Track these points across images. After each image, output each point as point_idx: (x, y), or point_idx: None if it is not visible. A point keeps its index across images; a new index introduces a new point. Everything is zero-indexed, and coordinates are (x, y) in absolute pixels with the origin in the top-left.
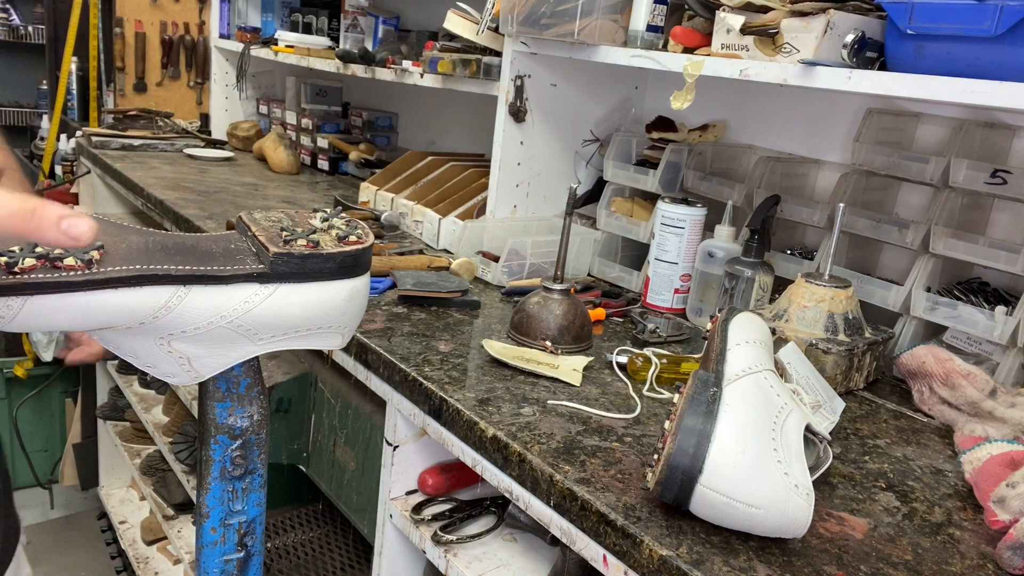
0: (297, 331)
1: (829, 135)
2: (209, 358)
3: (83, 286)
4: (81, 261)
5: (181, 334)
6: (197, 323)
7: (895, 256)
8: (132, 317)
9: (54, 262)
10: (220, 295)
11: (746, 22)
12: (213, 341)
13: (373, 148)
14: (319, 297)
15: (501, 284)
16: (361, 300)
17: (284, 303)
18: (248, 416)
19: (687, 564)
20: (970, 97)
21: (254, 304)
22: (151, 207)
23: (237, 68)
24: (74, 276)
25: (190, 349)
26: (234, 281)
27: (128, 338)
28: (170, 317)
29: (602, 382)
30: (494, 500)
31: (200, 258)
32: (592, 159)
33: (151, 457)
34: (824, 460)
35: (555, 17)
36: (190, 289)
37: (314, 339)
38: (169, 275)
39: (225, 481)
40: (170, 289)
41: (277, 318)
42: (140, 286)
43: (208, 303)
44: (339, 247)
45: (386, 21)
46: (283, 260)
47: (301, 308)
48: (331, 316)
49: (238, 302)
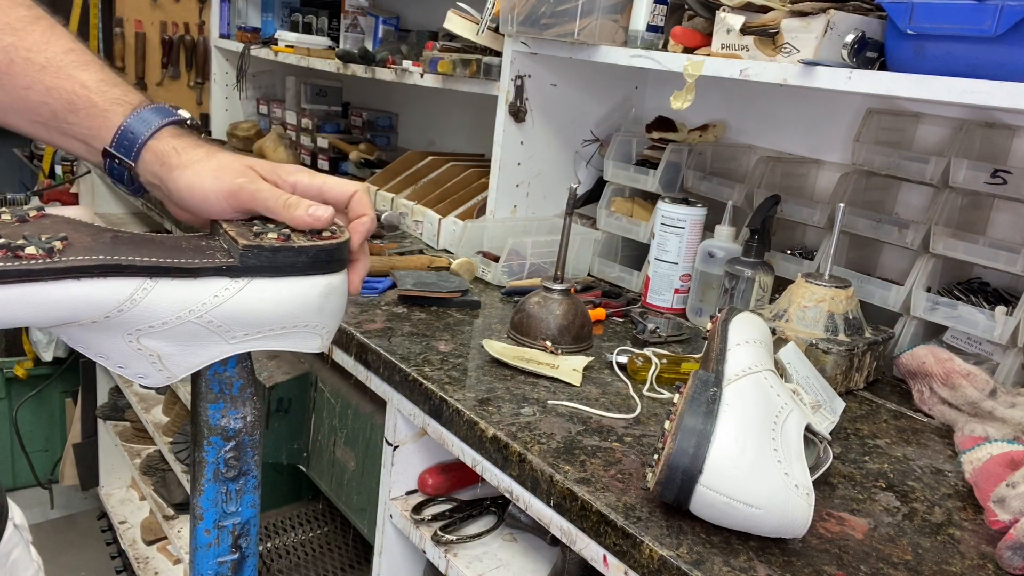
0: (271, 329)
1: (829, 135)
2: (181, 356)
3: (44, 275)
4: (43, 250)
5: (149, 329)
6: (165, 318)
7: (895, 256)
8: (96, 310)
9: (15, 251)
10: (188, 288)
11: (746, 22)
12: (184, 338)
13: (373, 148)
14: (292, 293)
15: (501, 284)
16: (338, 299)
17: (256, 298)
18: (241, 417)
19: (687, 564)
20: (970, 97)
21: (224, 299)
22: (151, 207)
23: (237, 68)
24: (35, 264)
25: (160, 347)
26: (203, 274)
27: (96, 335)
28: (136, 311)
29: (602, 382)
30: (494, 500)
31: (167, 251)
32: (592, 159)
33: (151, 457)
34: (824, 460)
35: (555, 17)
36: (156, 282)
37: (291, 339)
38: (133, 265)
39: (219, 483)
40: (135, 281)
41: (249, 314)
42: (104, 277)
43: (176, 297)
44: (312, 241)
45: (386, 21)
46: (253, 253)
47: (274, 304)
48: (306, 314)
49: (207, 296)
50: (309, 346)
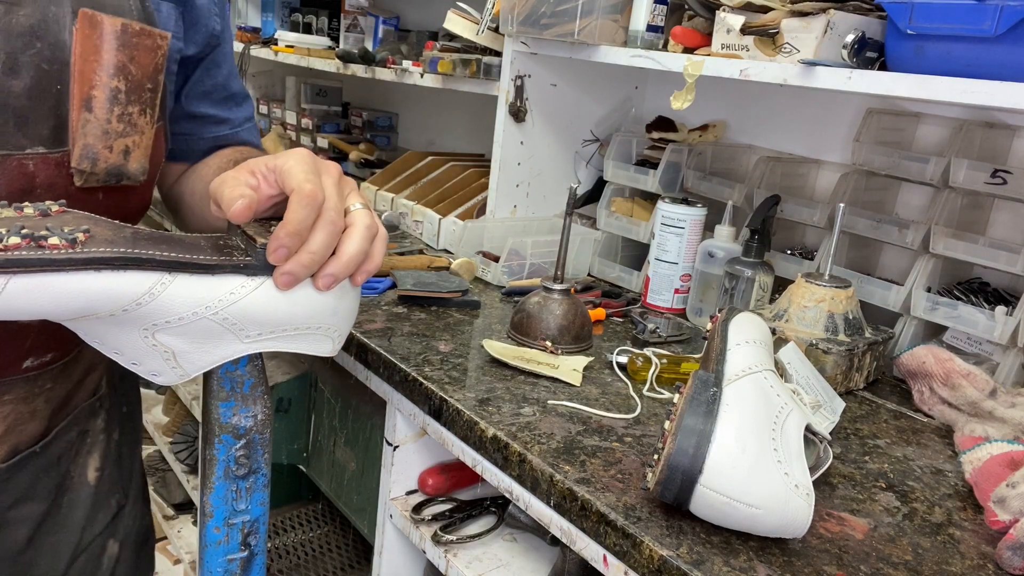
0: (284, 329)
1: (829, 135)
2: (195, 354)
3: (66, 264)
4: (66, 240)
5: (166, 324)
6: (181, 313)
7: (895, 256)
8: (115, 303)
9: (38, 241)
10: (205, 285)
11: (746, 22)
12: (198, 335)
13: (373, 148)
14: (306, 293)
15: (501, 284)
16: (352, 300)
17: (271, 296)
18: (252, 416)
19: (687, 564)
20: (970, 97)
21: (240, 296)
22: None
23: (237, 68)
24: (57, 254)
25: (175, 343)
26: (220, 271)
27: (112, 329)
28: (154, 305)
29: (602, 382)
30: (494, 500)
31: (187, 248)
32: (592, 159)
33: (151, 457)
34: (824, 460)
35: (555, 17)
36: (175, 277)
37: (303, 341)
38: (153, 259)
39: (229, 481)
40: (154, 275)
41: (264, 313)
42: (124, 270)
43: (193, 292)
44: None
45: (386, 21)
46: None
47: (288, 303)
48: (320, 315)
49: (223, 293)
50: (321, 349)
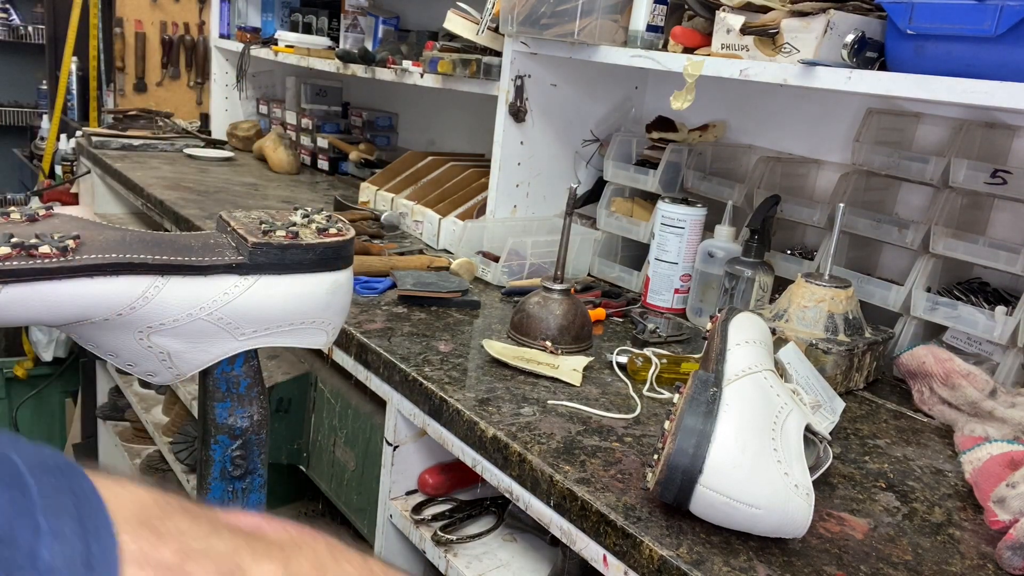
0: (279, 326)
1: (829, 135)
2: (190, 354)
3: (58, 273)
4: (56, 249)
5: (160, 327)
6: (176, 315)
7: (895, 256)
8: (109, 308)
9: (29, 250)
10: (199, 286)
11: (746, 22)
12: (193, 335)
13: (373, 148)
14: (299, 289)
15: (501, 284)
16: (344, 295)
17: (264, 295)
18: (248, 416)
19: (687, 564)
20: (970, 97)
21: (233, 296)
22: (151, 207)
23: (237, 68)
24: (49, 263)
25: (170, 344)
26: (213, 272)
27: (107, 333)
28: (148, 308)
29: (602, 382)
30: (494, 500)
31: (178, 250)
32: (592, 159)
33: (151, 457)
34: (824, 460)
35: (555, 17)
36: (168, 279)
37: (297, 336)
38: (146, 263)
39: (225, 481)
40: (147, 279)
41: (257, 311)
42: (116, 275)
43: (187, 294)
44: (319, 238)
45: (386, 21)
46: (262, 250)
47: (282, 300)
48: (313, 310)
49: (217, 293)
50: (315, 342)
